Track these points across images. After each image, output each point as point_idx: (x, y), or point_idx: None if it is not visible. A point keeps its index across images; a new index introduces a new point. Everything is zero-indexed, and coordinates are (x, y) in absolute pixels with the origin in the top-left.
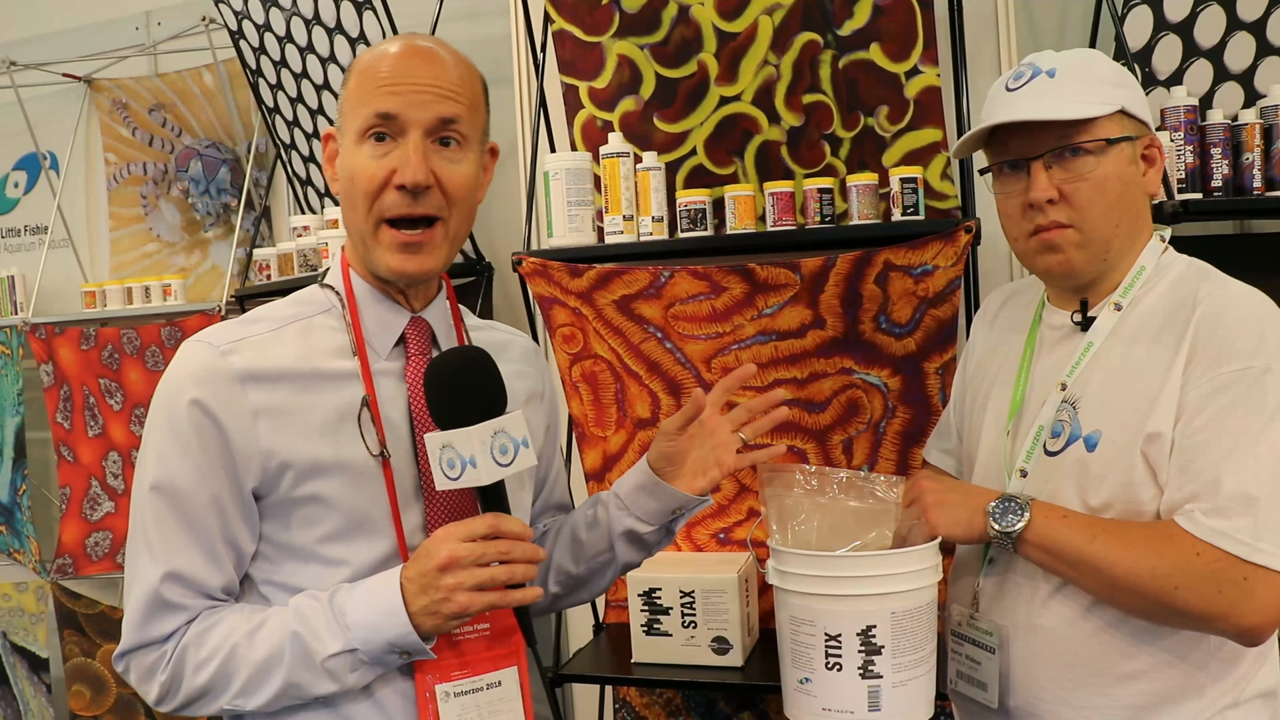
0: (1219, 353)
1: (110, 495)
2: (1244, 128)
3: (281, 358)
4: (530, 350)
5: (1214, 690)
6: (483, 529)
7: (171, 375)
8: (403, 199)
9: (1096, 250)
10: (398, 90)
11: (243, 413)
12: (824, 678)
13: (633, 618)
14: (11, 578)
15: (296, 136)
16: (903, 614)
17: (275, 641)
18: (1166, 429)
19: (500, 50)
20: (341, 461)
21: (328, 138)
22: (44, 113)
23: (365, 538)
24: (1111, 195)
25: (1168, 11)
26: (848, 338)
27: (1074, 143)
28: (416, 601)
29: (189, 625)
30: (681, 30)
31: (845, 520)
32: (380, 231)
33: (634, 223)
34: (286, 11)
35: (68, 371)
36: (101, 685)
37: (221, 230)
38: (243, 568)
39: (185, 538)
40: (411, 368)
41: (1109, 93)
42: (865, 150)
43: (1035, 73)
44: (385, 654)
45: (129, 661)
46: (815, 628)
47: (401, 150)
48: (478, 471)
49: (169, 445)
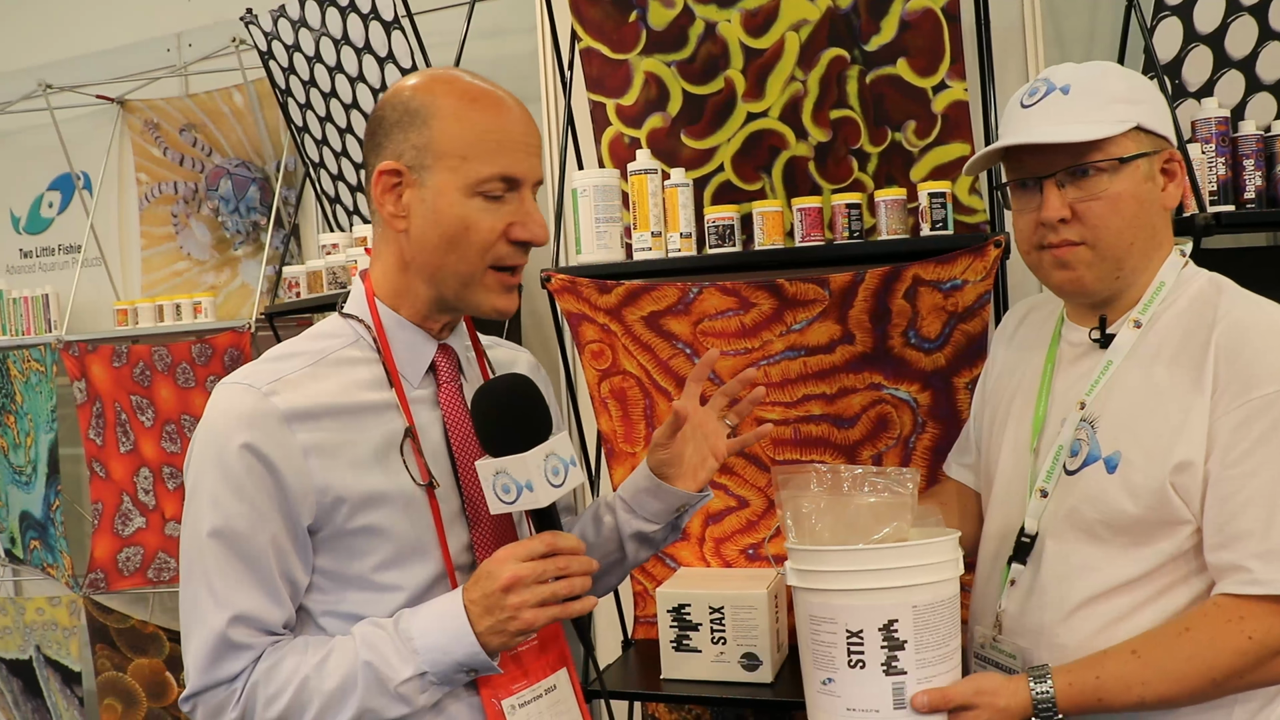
0: (1246, 378)
1: (141, 511)
2: (1277, 139)
3: (322, 394)
4: (533, 363)
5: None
6: (541, 548)
7: (216, 419)
8: (518, 252)
9: (1109, 268)
10: (518, 152)
11: (294, 452)
12: (847, 676)
13: (662, 634)
14: (45, 592)
15: (325, 155)
16: (925, 608)
17: (346, 671)
18: (1196, 458)
19: (527, 68)
20: (392, 492)
21: (389, 172)
22: (78, 134)
23: (416, 563)
24: (1126, 213)
25: (1198, 22)
26: (877, 353)
27: (1085, 162)
28: (482, 622)
29: (256, 663)
30: (708, 47)
31: (861, 516)
32: (488, 276)
33: (662, 239)
34: (315, 32)
35: (100, 388)
36: (132, 699)
37: (251, 248)
38: (298, 600)
39: (248, 580)
40: (444, 394)
41: (1123, 110)
42: (893, 165)
43: (1049, 89)
44: (454, 674)
45: (196, 702)
46: (836, 625)
47: (519, 207)
48: (535, 495)
49: (223, 490)
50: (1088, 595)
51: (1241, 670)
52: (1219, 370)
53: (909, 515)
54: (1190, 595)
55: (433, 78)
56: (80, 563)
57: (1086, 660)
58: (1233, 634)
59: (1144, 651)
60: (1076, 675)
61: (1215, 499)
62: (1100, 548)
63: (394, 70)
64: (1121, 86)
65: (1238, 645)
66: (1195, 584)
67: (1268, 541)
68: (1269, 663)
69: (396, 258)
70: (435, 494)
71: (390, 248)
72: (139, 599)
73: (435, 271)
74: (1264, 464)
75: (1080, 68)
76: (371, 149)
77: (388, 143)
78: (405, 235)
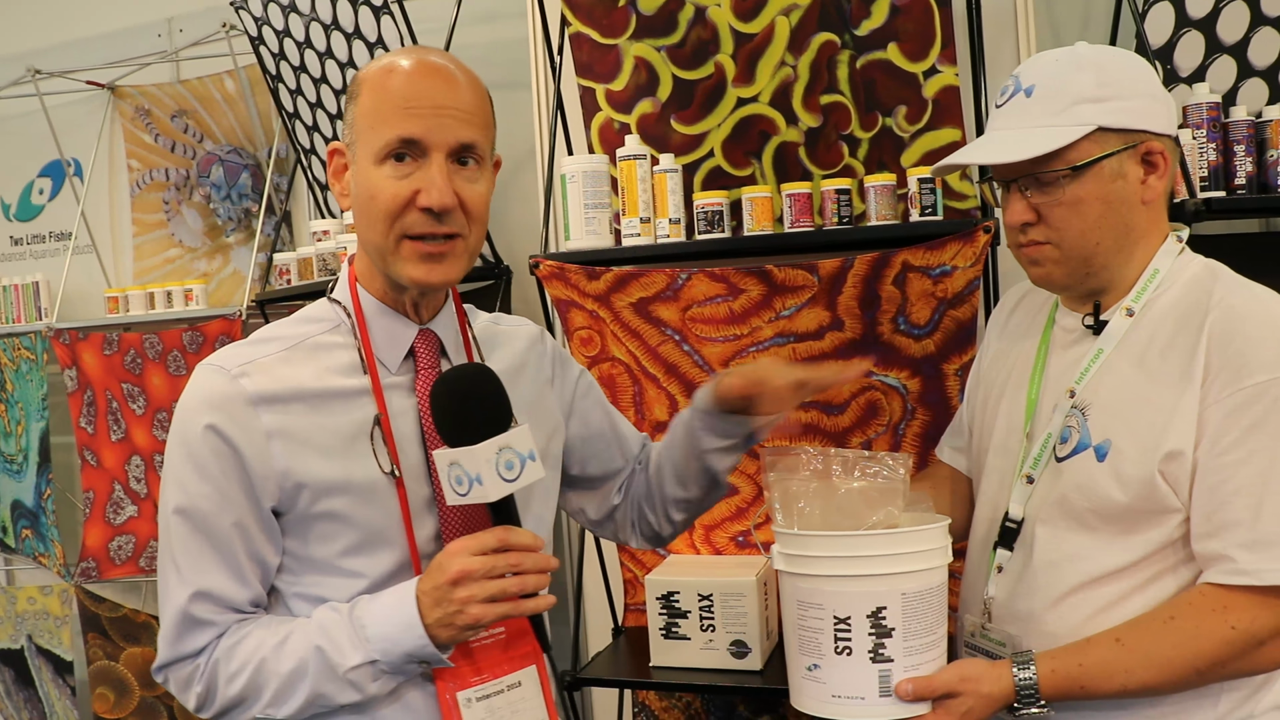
0: (1239, 366)
1: (133, 499)
2: (1268, 124)
3: (293, 378)
4: (534, 336)
5: (1229, 700)
6: (493, 542)
7: (186, 401)
8: (426, 219)
9: (1076, 266)
10: (419, 114)
11: (257, 435)
12: (833, 663)
13: (651, 621)
14: (36, 581)
15: (316, 141)
16: (914, 595)
17: (300, 654)
18: (1186, 447)
19: (517, 53)
20: (355, 479)
21: (334, 152)
22: (68, 120)
23: (381, 550)
24: (1089, 216)
25: (1189, 8)
26: (866, 339)
27: (1042, 171)
28: (432, 614)
29: (219, 639)
30: (698, 32)
31: (851, 501)
32: (402, 245)
33: (651, 225)
34: (305, 17)
35: (91, 376)
36: (125, 688)
37: (242, 235)
38: (269, 580)
39: (211, 558)
40: (421, 381)
41: (1086, 111)
42: (883, 150)
43: (1016, 89)
44: (405, 664)
45: (166, 674)
46: (824, 611)
47: (425, 173)
48: (484, 489)
49: (188, 470)
50: (1077, 583)
51: (1225, 660)
52: (1210, 358)
53: (900, 501)
54: (1179, 584)
55: (381, 58)
56: (72, 551)
57: (1071, 647)
58: (1217, 623)
59: (1128, 639)
60: (1060, 662)
61: (1204, 488)
62: (1090, 536)
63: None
64: (1089, 83)
65: (1222, 635)
66: (1184, 573)
67: (1255, 531)
68: (1252, 653)
69: None
70: (404, 482)
71: None
72: (131, 587)
73: (365, 245)
74: (1254, 453)
75: (1048, 64)
76: None
77: (341, 124)
78: (353, 214)
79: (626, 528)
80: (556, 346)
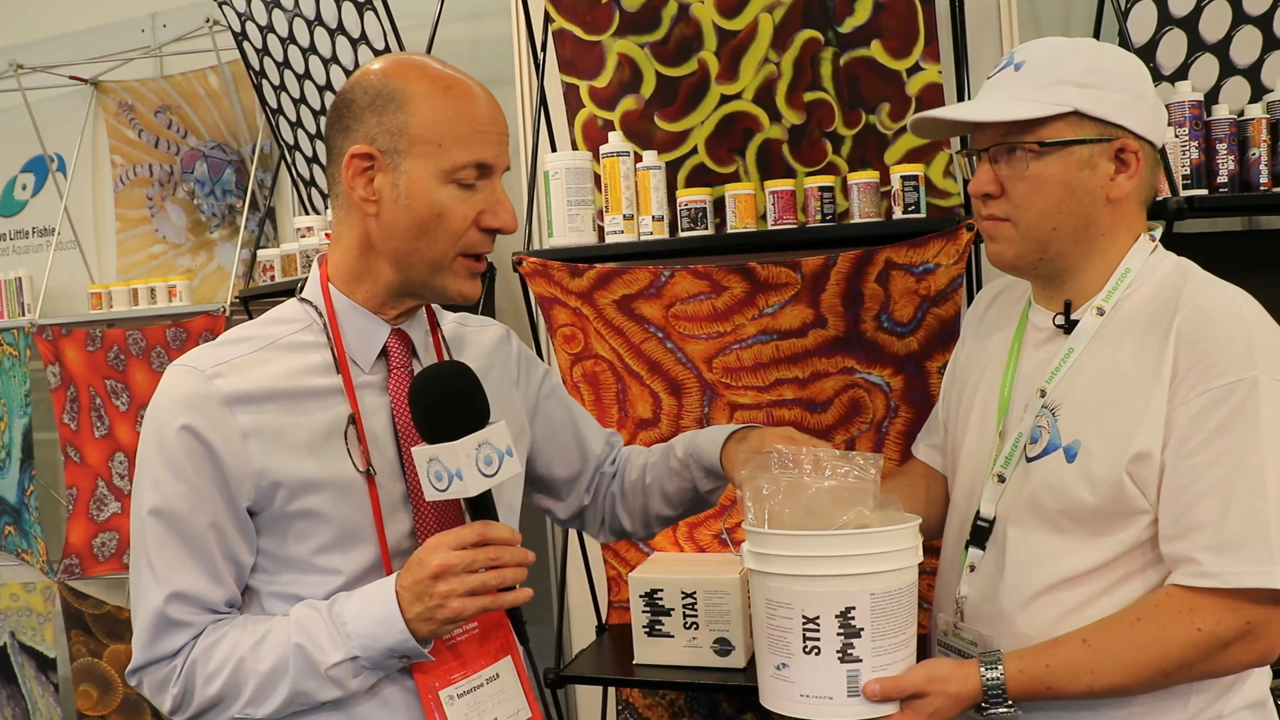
0: (1206, 366)
1: (116, 496)
2: (1250, 123)
3: (266, 378)
4: (500, 337)
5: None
6: (472, 537)
7: (160, 401)
8: (487, 239)
9: (1031, 247)
10: (490, 139)
11: (233, 435)
12: (801, 662)
13: (634, 619)
14: (19, 578)
15: (300, 138)
16: (883, 595)
17: (279, 653)
18: (1154, 448)
19: (501, 50)
20: (330, 478)
21: (359, 156)
22: (50, 115)
23: (355, 548)
24: (1050, 197)
25: (1172, 6)
26: (849, 337)
27: (1010, 141)
28: (412, 609)
29: (196, 640)
30: (681, 29)
31: (822, 501)
32: (456, 262)
33: (634, 222)
34: (288, 13)
35: (74, 372)
36: (108, 685)
37: (226, 231)
38: (243, 580)
39: (186, 559)
40: (394, 380)
41: (1067, 93)
42: (867, 148)
43: (1007, 63)
44: (385, 659)
45: (141, 677)
46: (792, 610)
47: (489, 195)
48: (464, 484)
49: (163, 471)
50: (1048, 583)
51: (1190, 661)
52: (1179, 358)
53: (871, 501)
54: (1147, 585)
55: (403, 62)
56: (55, 548)
57: (1039, 647)
58: (1182, 625)
59: (1094, 640)
60: (1027, 662)
61: (1171, 489)
62: (1060, 536)
63: (367, 52)
64: (1077, 69)
65: (1187, 637)
66: (1152, 575)
67: (1221, 534)
68: (1218, 655)
69: (359, 241)
70: (376, 481)
71: (353, 231)
72: (114, 584)
73: (405, 256)
74: (1221, 455)
75: (1051, 44)
76: (339, 131)
77: (358, 125)
78: (375, 219)
79: (595, 524)
80: (522, 347)
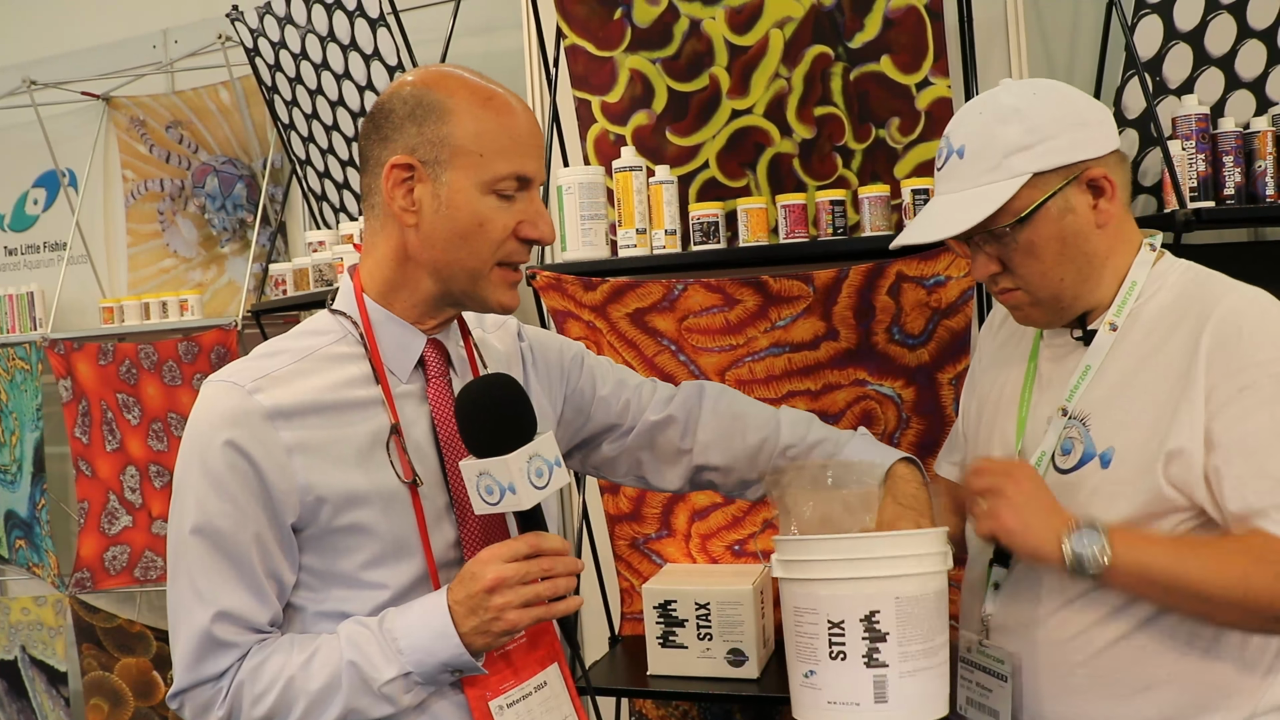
0: (1240, 365)
1: (128, 509)
2: (1256, 135)
3: (307, 391)
4: (513, 333)
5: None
6: (525, 549)
7: (201, 418)
8: (524, 249)
9: (1049, 304)
10: (531, 152)
11: (277, 451)
12: (828, 668)
13: (648, 630)
14: (30, 591)
15: (312, 152)
16: (908, 600)
17: (331, 671)
18: (1190, 445)
19: (513, 65)
20: (375, 490)
21: (399, 166)
22: (63, 131)
23: (401, 561)
24: (1047, 256)
25: (1178, 20)
26: (861, 349)
27: (991, 229)
28: (466, 623)
29: (242, 661)
30: (693, 44)
31: (835, 509)
32: (495, 272)
33: (647, 236)
34: (301, 29)
35: (86, 386)
36: (119, 699)
37: (237, 246)
38: (285, 598)
39: (232, 578)
40: (433, 390)
41: (1016, 162)
42: (877, 162)
43: (949, 152)
44: (438, 674)
45: (184, 700)
46: (818, 615)
47: (528, 206)
48: (517, 497)
49: (206, 488)
50: (1075, 593)
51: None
52: (1212, 363)
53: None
54: None
55: (442, 74)
56: (66, 562)
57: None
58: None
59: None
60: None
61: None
62: None
63: (380, 67)
64: (1015, 133)
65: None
66: None
67: None
68: None
69: (396, 251)
70: (419, 492)
71: (390, 242)
72: (126, 598)
73: (445, 267)
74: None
75: (977, 116)
76: (377, 141)
77: (398, 136)
78: (415, 230)
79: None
80: (532, 335)
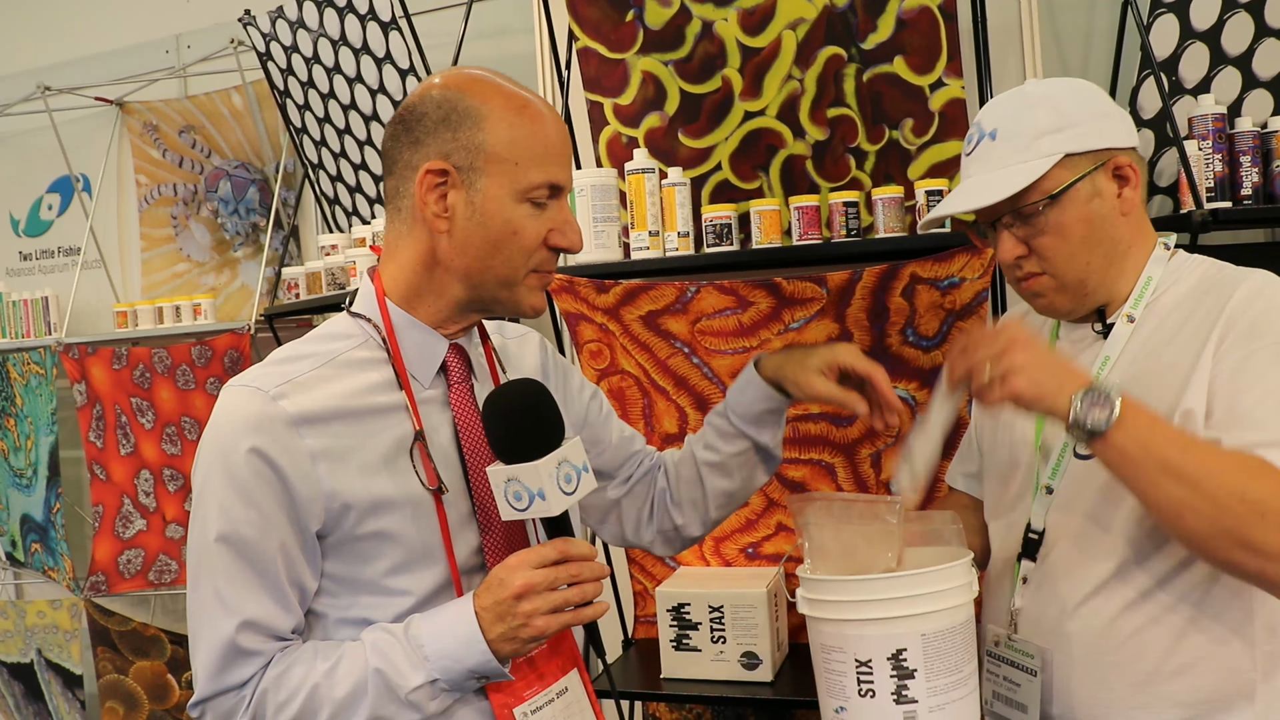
0: (1251, 329)
1: (142, 513)
2: (1274, 135)
3: (330, 397)
4: (539, 345)
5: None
6: (553, 555)
7: (223, 422)
8: (553, 256)
9: (1074, 290)
10: (563, 161)
11: (301, 458)
12: (858, 705)
13: (662, 633)
14: (45, 595)
15: (324, 156)
16: (934, 635)
17: (356, 678)
18: (1197, 406)
19: (525, 68)
20: (400, 497)
21: (434, 171)
22: (76, 136)
23: (425, 567)
24: (1075, 238)
25: (1194, 19)
26: (874, 351)
27: (1021, 205)
28: (494, 629)
29: (265, 669)
30: (705, 46)
31: (857, 545)
32: (528, 278)
33: (660, 238)
34: (313, 33)
35: (100, 391)
36: (134, 702)
37: (250, 250)
38: (306, 605)
39: (256, 586)
40: (455, 395)
41: (1047, 143)
42: (890, 163)
43: (980, 135)
44: (465, 681)
45: (205, 708)
46: (845, 654)
47: (559, 214)
48: (547, 503)
49: (230, 495)
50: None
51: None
52: (1227, 329)
53: (896, 545)
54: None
55: (475, 78)
56: (81, 565)
57: None
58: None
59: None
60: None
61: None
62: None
63: (392, 71)
64: (1046, 116)
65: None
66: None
67: None
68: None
69: (424, 256)
70: (443, 499)
71: (418, 246)
72: (140, 601)
73: (477, 273)
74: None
75: (1006, 104)
76: (407, 144)
77: (430, 140)
78: (447, 236)
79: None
80: (555, 353)
